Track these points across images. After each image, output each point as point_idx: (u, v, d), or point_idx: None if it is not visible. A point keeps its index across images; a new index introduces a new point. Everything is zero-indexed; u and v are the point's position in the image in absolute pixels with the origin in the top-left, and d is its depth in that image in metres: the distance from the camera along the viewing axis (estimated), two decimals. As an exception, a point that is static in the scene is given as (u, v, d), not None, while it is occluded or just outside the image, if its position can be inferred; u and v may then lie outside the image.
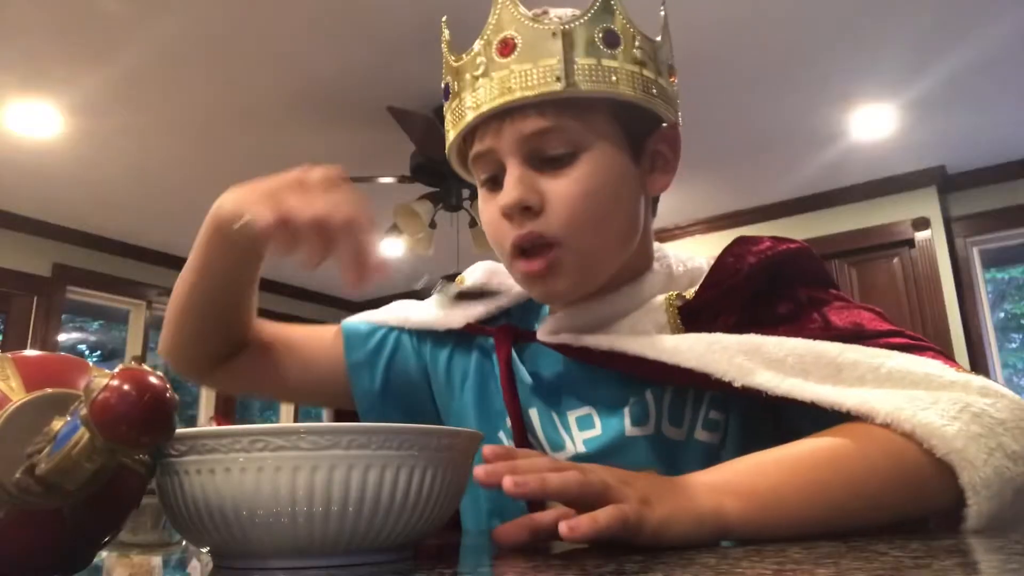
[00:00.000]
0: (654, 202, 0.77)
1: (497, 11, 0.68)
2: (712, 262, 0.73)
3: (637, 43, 0.68)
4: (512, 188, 0.67)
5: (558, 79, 0.65)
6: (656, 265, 0.75)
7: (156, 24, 2.52)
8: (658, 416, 0.70)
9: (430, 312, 0.83)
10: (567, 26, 0.66)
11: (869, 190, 3.92)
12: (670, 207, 4.08)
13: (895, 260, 3.91)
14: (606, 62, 0.66)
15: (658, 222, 0.79)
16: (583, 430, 0.72)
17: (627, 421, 0.70)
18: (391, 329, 0.85)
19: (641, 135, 0.71)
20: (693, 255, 0.79)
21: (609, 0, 0.68)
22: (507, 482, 0.45)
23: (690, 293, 0.72)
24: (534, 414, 0.74)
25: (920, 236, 3.81)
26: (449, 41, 0.74)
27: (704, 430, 0.69)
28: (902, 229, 3.86)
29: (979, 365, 3.62)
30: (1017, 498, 0.53)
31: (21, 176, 3.60)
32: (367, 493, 0.44)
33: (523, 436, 0.73)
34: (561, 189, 0.67)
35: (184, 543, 0.76)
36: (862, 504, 0.53)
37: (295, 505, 0.43)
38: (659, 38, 0.71)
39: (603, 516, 0.43)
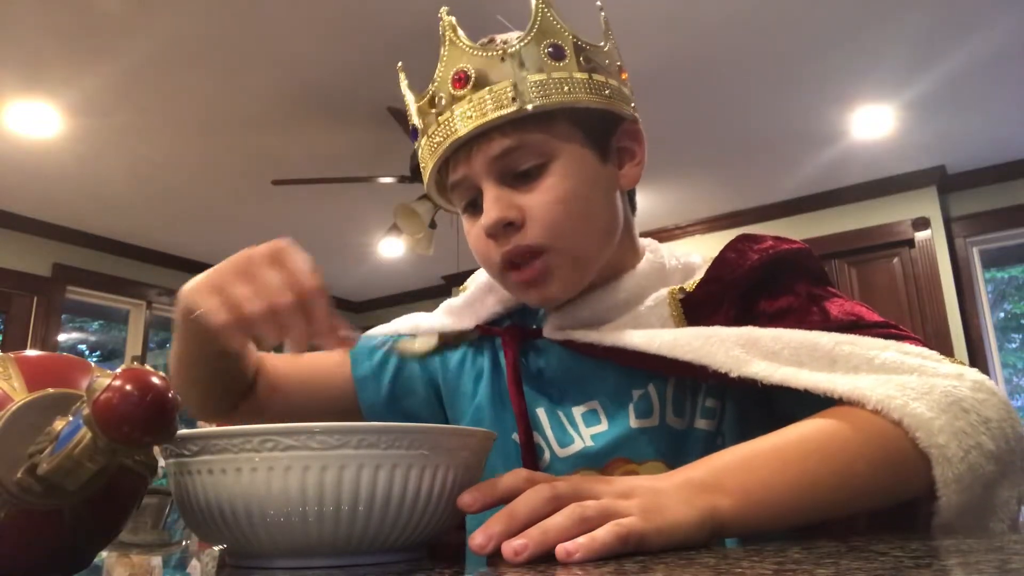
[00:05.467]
0: (630, 197, 0.80)
1: (446, 47, 0.73)
2: (709, 260, 0.74)
3: (582, 51, 0.72)
4: (491, 208, 0.70)
5: (513, 99, 0.69)
6: (649, 255, 0.77)
7: (156, 24, 2.52)
8: (662, 407, 0.72)
9: (440, 319, 0.85)
10: (513, 48, 0.70)
11: (869, 190, 3.92)
12: (670, 207, 4.07)
13: (895, 260, 3.91)
14: (556, 74, 0.70)
15: (658, 222, 0.81)
16: (590, 426, 0.74)
17: (632, 414, 0.72)
18: (399, 339, 0.86)
19: (605, 135, 0.74)
20: (689, 252, 0.81)
21: (548, 18, 0.71)
22: (507, 552, 0.42)
23: (690, 285, 0.73)
24: (541, 413, 0.76)
25: (920, 236, 3.81)
26: (408, 83, 0.78)
27: (703, 418, 0.71)
28: (902, 229, 3.86)
29: (979, 365, 3.61)
30: (985, 492, 0.56)
31: (21, 176, 3.60)
32: (377, 493, 0.44)
33: (529, 435, 0.74)
34: (537, 200, 0.70)
35: (184, 543, 0.76)
36: (849, 493, 0.55)
37: (305, 505, 0.43)
38: (602, 43, 0.75)
39: (600, 536, 0.43)
